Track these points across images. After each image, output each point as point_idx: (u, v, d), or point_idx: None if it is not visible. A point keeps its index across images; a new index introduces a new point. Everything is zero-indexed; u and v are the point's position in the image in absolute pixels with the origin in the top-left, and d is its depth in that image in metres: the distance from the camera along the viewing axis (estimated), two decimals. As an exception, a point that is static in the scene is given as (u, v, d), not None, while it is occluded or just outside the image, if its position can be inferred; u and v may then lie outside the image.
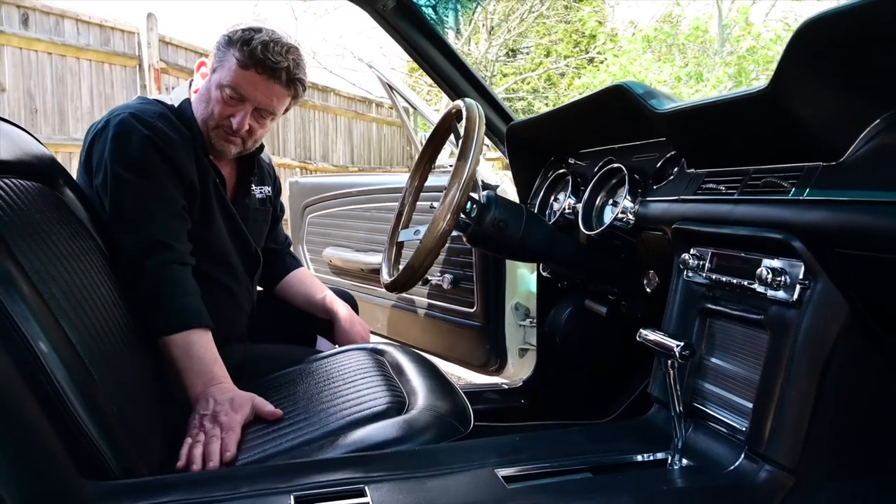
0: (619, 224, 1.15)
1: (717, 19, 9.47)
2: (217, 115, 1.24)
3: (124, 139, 1.16)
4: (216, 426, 0.99)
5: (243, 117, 1.23)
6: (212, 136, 1.26)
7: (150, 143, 1.17)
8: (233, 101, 1.22)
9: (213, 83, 1.24)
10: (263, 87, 1.21)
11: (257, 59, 1.19)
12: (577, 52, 13.08)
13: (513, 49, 13.16)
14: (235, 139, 1.27)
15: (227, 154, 1.30)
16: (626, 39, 10.23)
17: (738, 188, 0.88)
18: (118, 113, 1.20)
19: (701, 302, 0.95)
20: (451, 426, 0.99)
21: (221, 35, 1.26)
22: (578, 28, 12.50)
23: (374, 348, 1.37)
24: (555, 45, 13.10)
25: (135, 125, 1.17)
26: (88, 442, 0.77)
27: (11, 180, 0.94)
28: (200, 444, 0.96)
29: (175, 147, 1.20)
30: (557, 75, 13.14)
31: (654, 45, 9.42)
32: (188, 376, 1.08)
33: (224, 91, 1.22)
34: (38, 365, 0.75)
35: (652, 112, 0.98)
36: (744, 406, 0.86)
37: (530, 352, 1.90)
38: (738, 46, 8.75)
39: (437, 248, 1.05)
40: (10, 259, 0.80)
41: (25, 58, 4.18)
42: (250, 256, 1.42)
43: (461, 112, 1.18)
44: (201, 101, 1.26)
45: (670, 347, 0.83)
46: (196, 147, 1.26)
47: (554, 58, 13.16)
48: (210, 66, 1.27)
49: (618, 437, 0.96)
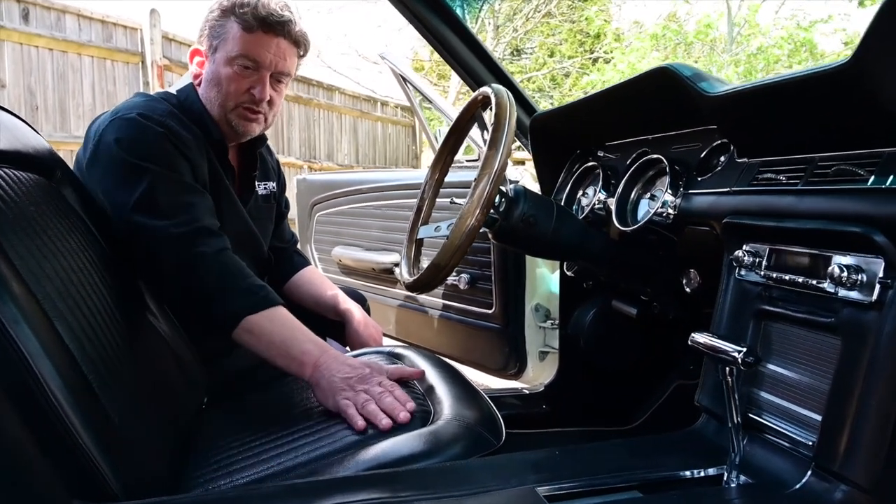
0: (658, 219, 1.06)
1: (726, 17, 9.39)
2: (234, 92, 1.17)
3: (139, 135, 1.08)
4: (375, 386, 0.96)
5: (263, 85, 1.17)
6: (231, 118, 1.20)
7: (167, 139, 1.09)
8: (247, 72, 1.16)
9: (218, 62, 1.17)
10: (274, 47, 1.16)
11: (261, 18, 1.13)
12: (582, 52, 13.01)
13: (517, 48, 13.09)
14: (258, 115, 1.21)
15: (251, 133, 1.24)
16: (635, 37, 10.15)
17: (801, 178, 0.80)
18: (125, 111, 1.12)
19: (756, 303, 0.86)
20: (482, 438, 0.91)
21: (210, 12, 1.18)
22: (583, 28, 12.43)
23: (391, 352, 1.29)
24: (559, 45, 13.03)
25: (146, 124, 1.09)
26: (85, 459, 0.69)
27: (6, 170, 0.86)
28: (372, 401, 0.92)
29: (189, 146, 1.13)
30: (562, 76, 13.08)
31: (662, 44, 9.34)
32: (296, 346, 1.02)
33: (235, 64, 1.15)
34: (29, 372, 0.68)
35: (702, 95, 0.90)
36: (809, 418, 0.78)
37: (550, 355, 1.82)
38: (748, 45, 8.66)
39: (466, 245, 0.97)
40: (0, 257, 0.72)
41: (26, 54, 4.11)
42: (261, 259, 1.36)
43: (488, 99, 1.09)
44: (211, 87, 1.19)
45: (731, 354, 0.75)
46: (207, 145, 1.19)
47: (558, 58, 13.09)
48: (207, 47, 1.20)
49: (665, 451, 0.88)
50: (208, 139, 1.20)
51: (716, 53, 9.48)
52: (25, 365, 0.67)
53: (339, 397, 0.95)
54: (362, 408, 0.93)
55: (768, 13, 10.06)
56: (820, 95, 0.75)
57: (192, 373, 1.21)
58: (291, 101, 6.84)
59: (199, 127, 1.19)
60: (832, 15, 8.97)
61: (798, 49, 8.75)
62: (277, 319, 1.04)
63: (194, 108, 1.20)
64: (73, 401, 0.71)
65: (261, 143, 1.36)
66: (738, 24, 9.34)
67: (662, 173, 1.09)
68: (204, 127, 1.20)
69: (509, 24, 11.64)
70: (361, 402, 0.93)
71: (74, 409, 0.71)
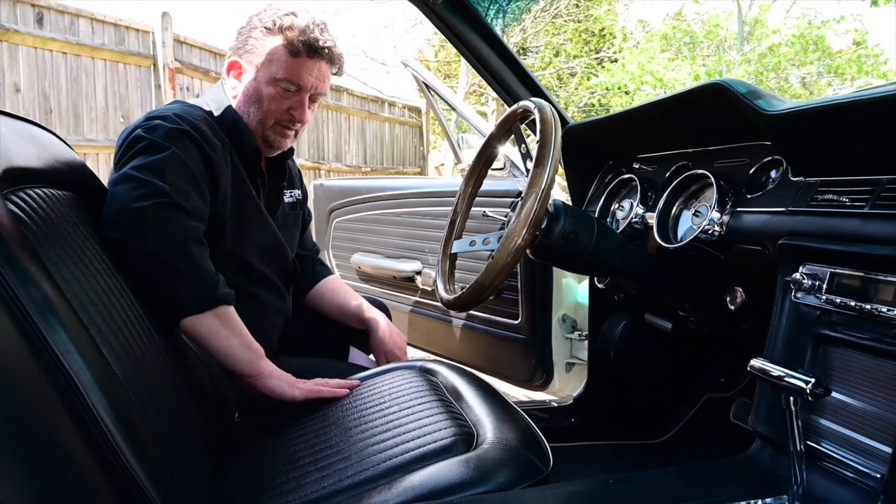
0: (704, 236, 1.04)
1: (736, 16, 9.33)
2: (275, 110, 1.19)
3: (171, 126, 1.07)
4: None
5: (303, 108, 1.20)
6: (268, 134, 1.22)
7: (195, 139, 1.08)
8: (289, 94, 1.19)
9: (260, 81, 1.18)
10: (316, 71, 1.19)
11: (307, 44, 1.15)
12: (588, 51, 12.97)
13: (523, 48, 13.05)
14: (291, 131, 1.24)
15: (283, 147, 1.27)
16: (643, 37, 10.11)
17: (867, 200, 0.77)
18: (162, 111, 1.12)
19: (815, 327, 0.84)
20: (531, 464, 0.89)
21: (250, 27, 1.19)
22: (589, 27, 12.39)
23: (422, 367, 1.27)
24: (564, 44, 12.99)
25: (178, 121, 1.08)
26: (134, 484, 0.68)
27: (43, 190, 0.85)
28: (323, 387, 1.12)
29: (217, 151, 1.12)
30: (568, 75, 13.04)
31: (672, 43, 9.29)
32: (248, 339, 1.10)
33: (278, 86, 1.18)
34: (82, 401, 0.66)
35: (759, 113, 0.87)
36: (877, 449, 0.75)
37: (577, 366, 1.80)
38: (759, 44, 8.60)
39: (512, 264, 0.95)
40: (47, 281, 0.70)
41: (40, 58, 4.10)
42: (288, 269, 1.35)
43: (527, 113, 1.07)
44: (251, 103, 1.20)
45: (797, 384, 0.73)
46: (235, 157, 1.19)
47: (564, 57, 13.05)
48: (247, 63, 1.20)
49: (720, 479, 0.86)
50: (240, 149, 1.20)
51: (723, 51, 9.43)
52: (78, 395, 0.65)
53: (303, 385, 1.12)
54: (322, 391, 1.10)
55: (779, 12, 10.01)
56: (890, 117, 0.72)
57: (224, 389, 1.19)
58: (300, 102, 6.83)
59: (232, 137, 1.19)
60: (844, 15, 8.92)
61: (808, 48, 8.70)
62: (237, 317, 1.08)
63: (228, 117, 1.20)
64: (122, 429, 0.69)
65: (290, 152, 1.36)
66: (749, 23, 9.28)
67: (706, 188, 1.06)
68: (237, 137, 1.20)
69: (517, 23, 11.60)
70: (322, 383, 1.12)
71: (124, 436, 0.69)
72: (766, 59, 7.94)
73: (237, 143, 1.19)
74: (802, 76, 9.89)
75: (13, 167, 0.78)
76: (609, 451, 1.60)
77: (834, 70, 8.88)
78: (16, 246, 0.67)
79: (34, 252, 0.71)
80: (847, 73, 9.23)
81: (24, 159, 0.83)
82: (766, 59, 7.94)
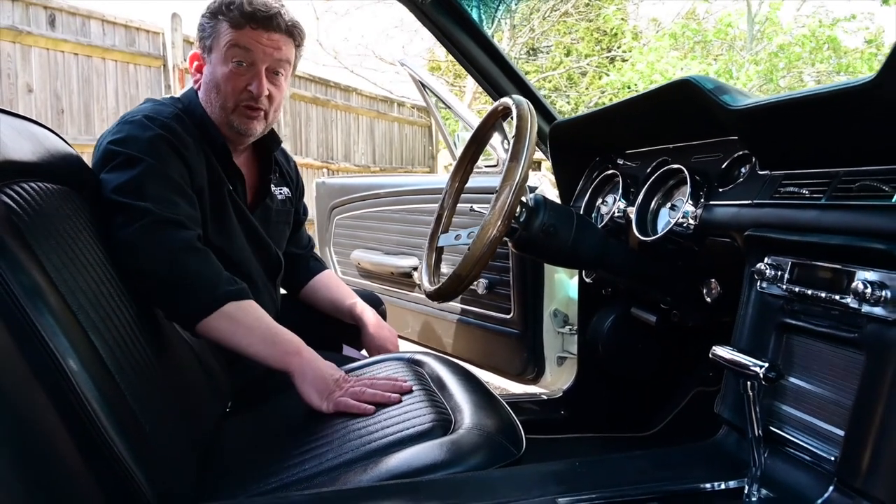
0: (678, 229, 1.07)
1: (747, 15, 9.27)
2: (232, 90, 1.18)
3: (140, 133, 1.10)
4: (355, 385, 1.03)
5: (260, 81, 1.18)
6: (232, 119, 1.21)
7: (166, 140, 1.11)
8: (242, 68, 1.17)
9: (214, 64, 1.19)
10: (266, 40, 1.17)
11: (248, 14, 1.15)
12: (599, 50, 12.93)
13: (534, 48, 13.04)
14: (258, 112, 1.21)
15: (253, 132, 1.24)
16: (653, 37, 10.07)
17: (825, 192, 0.80)
18: (131, 115, 1.14)
19: (778, 316, 0.86)
20: (503, 448, 0.92)
21: (201, 17, 1.21)
22: (600, 26, 12.35)
23: (411, 358, 1.30)
24: (575, 43, 12.96)
25: (148, 124, 1.11)
26: (122, 468, 0.72)
27: (38, 184, 0.89)
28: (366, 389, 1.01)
29: (189, 148, 1.14)
30: (578, 74, 13.01)
31: (681, 42, 9.25)
32: (280, 334, 1.06)
33: (230, 63, 1.17)
34: (68, 385, 0.70)
35: (724, 108, 0.90)
36: (832, 433, 0.78)
37: (569, 360, 1.82)
38: (769, 43, 8.55)
39: (487, 256, 0.98)
40: (37, 268, 0.74)
41: (52, 59, 4.19)
42: (271, 262, 1.37)
43: (508, 110, 1.10)
44: (210, 90, 1.21)
45: (753, 369, 0.75)
46: (208, 151, 1.20)
47: (575, 56, 13.02)
48: (202, 50, 1.22)
49: (685, 463, 0.88)
50: (210, 144, 1.21)
51: (735, 52, 9.37)
52: (65, 378, 0.69)
53: (334, 396, 1.01)
54: (363, 396, 1.00)
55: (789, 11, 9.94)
56: (844, 112, 0.75)
57: (217, 379, 1.23)
58: (309, 102, 6.89)
59: (201, 131, 1.20)
60: (855, 14, 8.84)
61: (820, 47, 8.63)
62: (256, 310, 1.05)
63: (196, 112, 1.21)
64: (109, 412, 0.73)
65: (275, 145, 1.37)
66: (759, 22, 9.23)
67: (683, 183, 1.09)
68: (206, 131, 1.21)
69: (525, 23, 11.60)
70: (358, 392, 1.00)
71: (111, 420, 0.73)
72: (775, 58, 7.90)
73: (207, 139, 1.21)
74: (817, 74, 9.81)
75: (8, 161, 0.82)
76: (598, 443, 1.63)
77: (845, 69, 8.81)
78: (7, 235, 0.71)
79: (25, 241, 0.75)
80: (859, 71, 9.16)
81: (19, 154, 0.87)
82: (775, 58, 7.90)
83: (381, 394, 1.01)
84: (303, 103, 6.76)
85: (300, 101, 6.69)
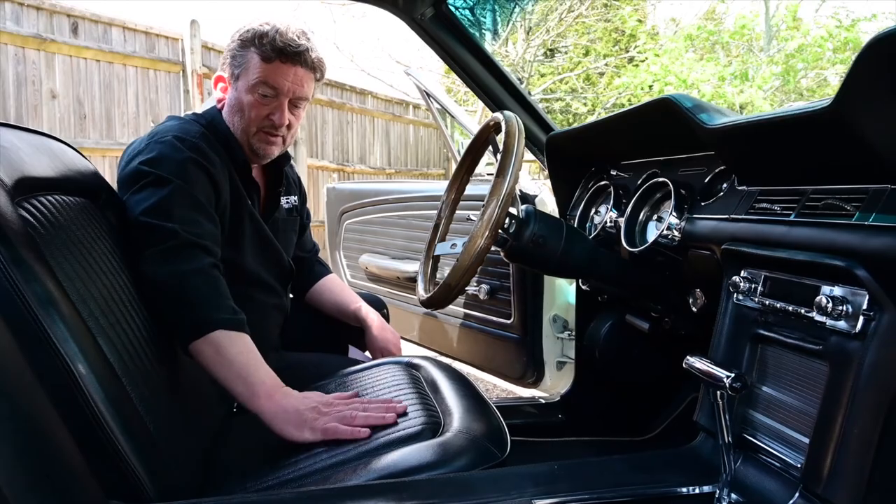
0: (663, 241, 1.10)
1: (763, 17, 9.19)
2: (255, 118, 1.25)
3: (171, 154, 1.15)
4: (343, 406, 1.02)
5: (282, 112, 1.25)
6: (253, 142, 1.28)
7: (196, 161, 1.17)
8: (267, 100, 1.24)
9: (240, 90, 1.25)
10: (292, 75, 1.23)
11: (278, 49, 1.20)
12: (617, 50, 12.87)
13: (551, 49, 13.02)
14: (276, 138, 1.28)
15: (271, 155, 1.31)
16: (668, 38, 10.01)
17: (794, 209, 0.83)
18: (161, 135, 1.19)
19: (752, 327, 0.90)
20: (487, 451, 0.96)
21: (231, 42, 1.26)
22: (618, 26, 12.30)
23: (409, 362, 1.35)
24: (593, 44, 12.91)
25: (179, 146, 1.16)
26: (124, 464, 0.77)
27: (56, 196, 0.95)
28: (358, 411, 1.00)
29: (216, 166, 1.20)
30: (596, 75, 12.96)
31: (697, 44, 9.19)
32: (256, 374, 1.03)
33: (256, 92, 1.23)
34: (76, 387, 0.75)
35: (701, 127, 0.94)
36: (799, 440, 0.81)
37: (568, 365, 1.86)
38: (786, 45, 8.46)
39: (475, 266, 1.03)
40: (51, 279, 0.80)
41: (75, 65, 4.31)
42: (283, 270, 1.43)
43: (500, 124, 1.15)
44: (234, 113, 1.27)
45: (720, 378, 0.79)
46: (231, 167, 1.27)
47: (593, 57, 12.98)
48: (230, 76, 1.28)
49: (661, 468, 0.92)
50: (233, 160, 1.28)
51: (753, 53, 9.29)
52: (73, 380, 0.74)
53: (318, 423, 0.98)
54: (354, 420, 0.98)
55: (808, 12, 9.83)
56: (808, 133, 0.78)
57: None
58: (325, 105, 6.97)
59: (225, 148, 1.27)
60: (876, 14, 8.72)
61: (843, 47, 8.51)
62: (243, 345, 1.04)
63: (220, 130, 1.28)
64: (114, 411, 0.79)
65: (286, 160, 1.43)
66: (776, 23, 9.14)
67: (669, 196, 1.12)
68: (230, 148, 1.27)
69: (542, 24, 11.60)
70: (348, 416, 0.98)
71: (115, 418, 0.79)
72: (793, 59, 7.82)
73: (231, 155, 1.27)
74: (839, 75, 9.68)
75: (27, 177, 0.88)
76: (594, 447, 1.66)
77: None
78: (22, 247, 0.77)
79: (40, 252, 0.81)
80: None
81: (38, 170, 0.93)
82: (793, 59, 7.82)
83: (374, 416, 1.00)
84: (319, 106, 6.85)
85: (316, 105, 6.77)
